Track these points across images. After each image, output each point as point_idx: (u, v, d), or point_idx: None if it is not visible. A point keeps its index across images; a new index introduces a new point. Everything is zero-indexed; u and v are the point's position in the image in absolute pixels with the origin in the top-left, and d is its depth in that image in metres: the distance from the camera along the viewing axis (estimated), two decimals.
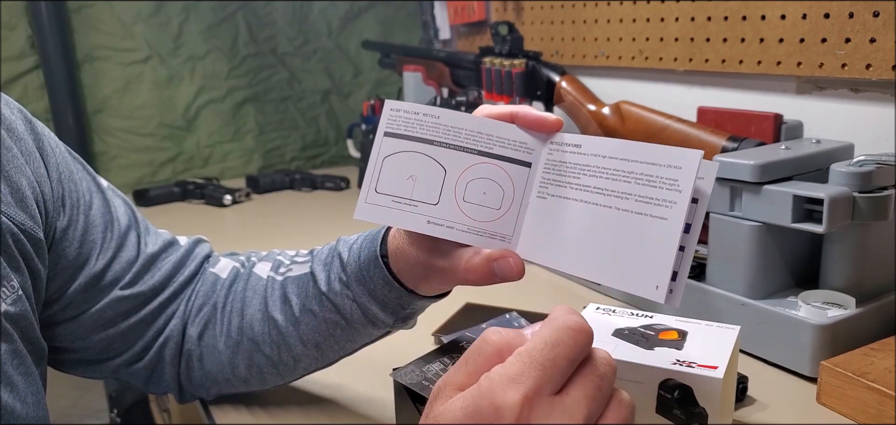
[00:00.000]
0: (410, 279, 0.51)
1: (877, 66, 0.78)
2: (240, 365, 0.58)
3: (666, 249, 0.41)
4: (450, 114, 0.47)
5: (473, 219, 0.47)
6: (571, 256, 0.45)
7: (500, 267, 0.45)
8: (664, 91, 1.09)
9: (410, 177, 0.47)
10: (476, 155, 0.47)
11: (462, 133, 0.47)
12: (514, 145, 0.47)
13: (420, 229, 0.47)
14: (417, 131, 0.47)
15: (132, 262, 0.56)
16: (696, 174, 0.41)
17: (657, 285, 0.40)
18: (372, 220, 0.47)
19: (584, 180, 0.45)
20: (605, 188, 0.44)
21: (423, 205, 0.47)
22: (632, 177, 0.43)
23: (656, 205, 0.42)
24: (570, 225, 0.45)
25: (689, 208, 0.41)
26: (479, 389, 0.33)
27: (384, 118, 0.48)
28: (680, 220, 0.40)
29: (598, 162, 0.45)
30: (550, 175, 0.47)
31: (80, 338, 0.55)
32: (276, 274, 0.58)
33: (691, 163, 0.41)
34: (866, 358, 0.60)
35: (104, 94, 1.46)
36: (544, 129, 0.47)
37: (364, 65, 1.72)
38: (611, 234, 0.43)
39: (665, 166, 0.42)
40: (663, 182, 0.42)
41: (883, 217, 0.64)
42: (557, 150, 0.47)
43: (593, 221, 0.44)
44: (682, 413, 0.50)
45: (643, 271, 0.41)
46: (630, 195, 0.43)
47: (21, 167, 0.47)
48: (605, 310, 0.60)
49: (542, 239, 0.46)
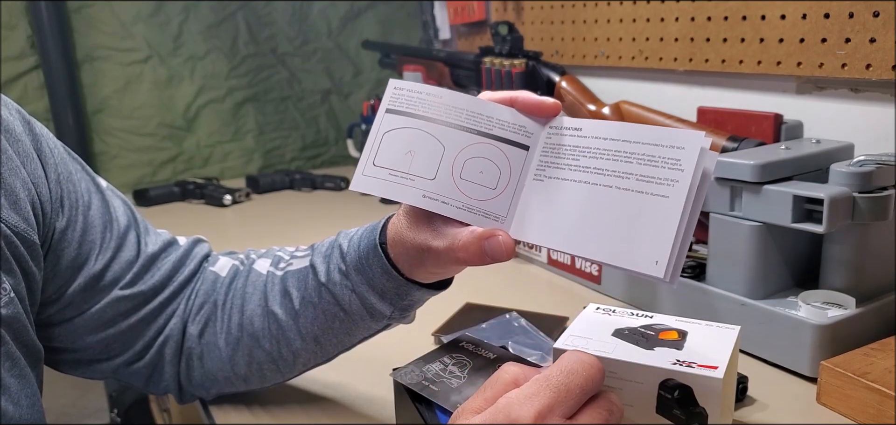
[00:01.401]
0: (407, 265, 0.51)
1: (877, 66, 0.78)
2: (240, 362, 0.58)
3: (667, 225, 0.41)
4: (452, 94, 0.48)
5: (469, 196, 0.47)
6: (569, 235, 0.45)
7: (491, 245, 0.45)
8: (664, 91, 1.09)
9: (409, 152, 0.47)
10: (475, 134, 0.47)
11: (463, 113, 0.48)
12: (514, 128, 0.48)
13: (415, 202, 0.47)
14: (419, 109, 0.48)
15: (132, 262, 0.56)
16: (697, 153, 0.41)
17: (657, 260, 0.41)
18: (369, 191, 0.47)
19: (584, 162, 0.45)
20: (605, 168, 0.44)
21: (419, 180, 0.47)
22: (633, 158, 0.43)
23: (657, 183, 0.42)
24: (568, 205, 0.45)
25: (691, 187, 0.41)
26: (496, 407, 0.36)
27: (387, 95, 0.49)
28: (682, 198, 0.41)
29: (599, 143, 0.45)
30: (548, 158, 0.47)
31: (79, 339, 0.55)
32: (275, 269, 0.58)
33: (694, 143, 0.41)
34: (866, 358, 0.60)
35: (104, 94, 1.46)
36: (543, 113, 0.48)
37: (364, 65, 1.73)
38: (610, 213, 0.43)
39: (667, 146, 0.42)
40: (665, 161, 0.42)
41: (883, 217, 0.64)
42: (556, 134, 0.47)
43: (592, 201, 0.44)
44: (682, 413, 0.50)
45: (643, 248, 0.41)
46: (631, 175, 0.43)
47: (16, 169, 0.47)
48: (605, 310, 0.60)
49: (537, 219, 0.47)
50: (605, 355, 0.52)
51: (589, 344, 0.54)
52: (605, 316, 0.59)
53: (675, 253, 0.41)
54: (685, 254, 0.41)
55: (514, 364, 0.39)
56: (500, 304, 0.80)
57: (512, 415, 0.35)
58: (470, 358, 0.50)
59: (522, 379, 0.37)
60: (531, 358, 0.54)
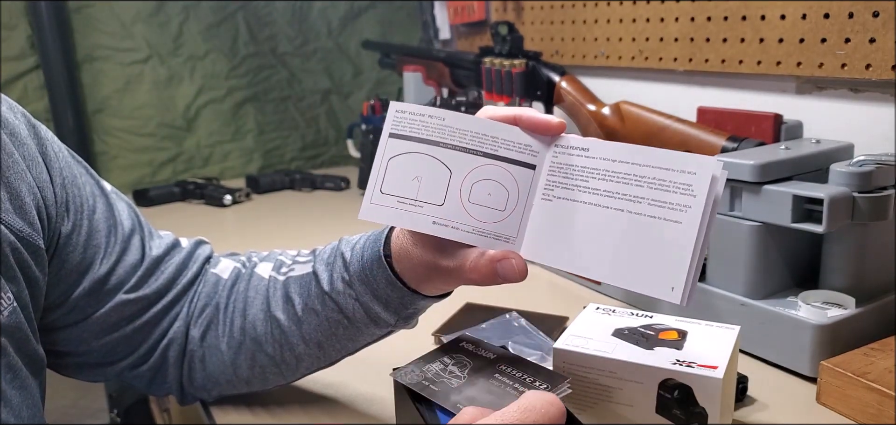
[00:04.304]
0: (414, 279, 0.51)
1: (876, 66, 0.78)
2: (242, 365, 0.58)
3: (682, 252, 0.41)
4: (455, 115, 0.48)
5: (478, 220, 0.47)
6: (580, 257, 0.45)
7: (503, 268, 0.46)
8: (664, 91, 1.09)
9: (416, 178, 0.47)
10: (481, 156, 0.47)
11: (467, 135, 0.47)
12: (519, 147, 0.48)
13: (425, 229, 0.47)
14: (422, 133, 0.48)
15: (136, 266, 0.56)
16: (710, 179, 0.41)
17: (673, 286, 0.41)
18: (378, 221, 0.47)
19: (593, 183, 0.45)
20: (615, 191, 0.44)
21: (428, 206, 0.47)
22: (644, 182, 0.43)
23: (670, 209, 0.42)
24: (578, 227, 0.45)
25: (704, 213, 0.41)
26: None
27: (389, 119, 0.48)
28: (695, 224, 0.41)
29: (608, 165, 0.45)
30: (556, 177, 0.47)
31: (84, 342, 0.55)
32: (278, 274, 0.58)
33: (706, 169, 0.41)
34: (866, 358, 0.60)
35: (104, 94, 1.46)
36: (548, 132, 0.48)
37: (364, 65, 1.73)
38: (623, 237, 0.43)
39: (679, 171, 0.42)
40: (677, 186, 0.42)
41: (883, 217, 0.64)
42: (563, 153, 0.47)
43: (604, 223, 0.44)
44: (682, 413, 0.50)
45: (658, 273, 0.42)
46: (643, 199, 0.43)
47: (22, 173, 0.47)
48: (605, 310, 0.60)
49: (548, 240, 0.47)
50: (605, 355, 0.53)
51: (589, 344, 0.54)
52: (605, 316, 0.59)
53: (690, 278, 0.41)
54: (698, 274, 0.41)
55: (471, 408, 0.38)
56: (500, 304, 0.80)
57: None
58: (470, 359, 0.50)
59: (479, 418, 0.37)
60: (531, 358, 0.54)
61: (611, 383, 0.52)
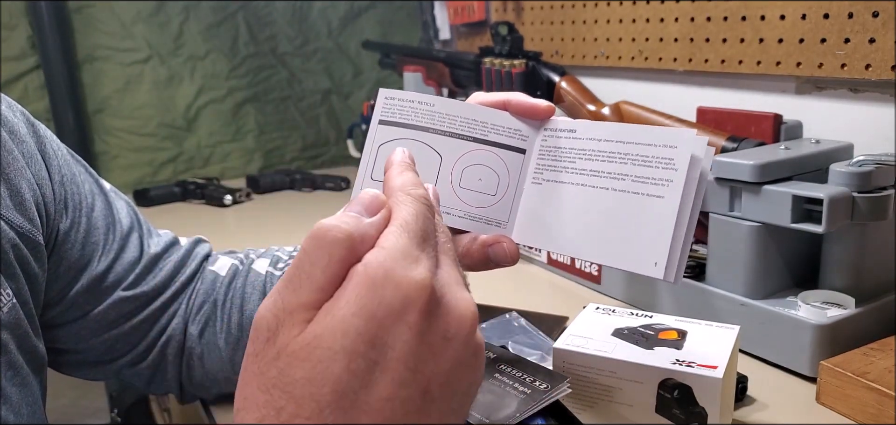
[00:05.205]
0: None
1: (876, 66, 0.78)
2: (240, 361, 0.58)
3: (663, 227, 0.41)
4: (444, 101, 0.48)
5: (469, 204, 0.47)
6: (569, 239, 0.45)
7: (495, 252, 0.46)
8: (664, 91, 1.09)
9: None
10: (471, 142, 0.48)
11: (457, 120, 0.48)
12: (509, 132, 0.48)
13: None
14: (412, 119, 0.48)
15: (134, 264, 0.56)
16: (690, 152, 0.41)
17: (656, 261, 0.41)
18: None
19: (580, 164, 0.46)
20: (600, 170, 0.45)
21: None
22: (628, 159, 0.44)
23: (653, 184, 0.42)
24: (566, 208, 0.46)
25: (685, 186, 0.41)
26: (366, 282, 0.28)
27: (379, 106, 0.49)
28: (676, 198, 0.41)
29: (594, 145, 0.45)
30: (545, 160, 0.47)
31: (83, 340, 0.55)
32: (274, 269, 0.58)
33: (686, 141, 0.42)
34: (866, 358, 0.60)
35: (104, 94, 1.46)
36: (537, 116, 0.48)
37: (364, 65, 1.73)
38: (608, 215, 0.44)
39: (660, 146, 0.43)
40: (659, 161, 0.42)
41: (882, 217, 0.64)
42: (552, 136, 0.47)
43: (590, 203, 0.45)
44: (681, 413, 0.50)
45: (642, 249, 0.42)
46: (626, 176, 0.43)
47: (21, 170, 0.47)
48: (604, 309, 0.60)
49: (538, 223, 0.47)
50: (604, 355, 0.53)
51: (589, 344, 0.54)
52: (605, 316, 0.59)
53: (675, 252, 0.41)
54: (687, 252, 0.42)
55: (326, 228, 0.30)
56: (500, 304, 0.80)
57: (399, 282, 0.29)
58: None
59: (360, 245, 0.30)
60: (531, 358, 0.54)
61: (610, 383, 0.53)
